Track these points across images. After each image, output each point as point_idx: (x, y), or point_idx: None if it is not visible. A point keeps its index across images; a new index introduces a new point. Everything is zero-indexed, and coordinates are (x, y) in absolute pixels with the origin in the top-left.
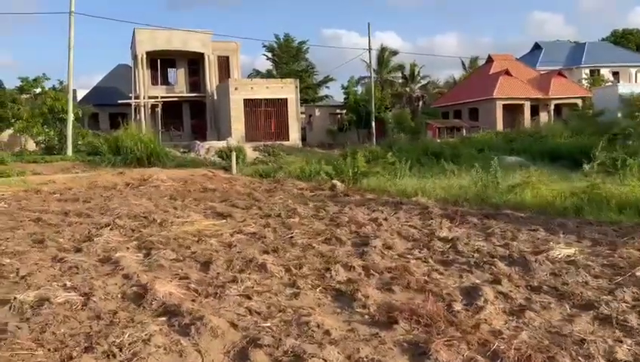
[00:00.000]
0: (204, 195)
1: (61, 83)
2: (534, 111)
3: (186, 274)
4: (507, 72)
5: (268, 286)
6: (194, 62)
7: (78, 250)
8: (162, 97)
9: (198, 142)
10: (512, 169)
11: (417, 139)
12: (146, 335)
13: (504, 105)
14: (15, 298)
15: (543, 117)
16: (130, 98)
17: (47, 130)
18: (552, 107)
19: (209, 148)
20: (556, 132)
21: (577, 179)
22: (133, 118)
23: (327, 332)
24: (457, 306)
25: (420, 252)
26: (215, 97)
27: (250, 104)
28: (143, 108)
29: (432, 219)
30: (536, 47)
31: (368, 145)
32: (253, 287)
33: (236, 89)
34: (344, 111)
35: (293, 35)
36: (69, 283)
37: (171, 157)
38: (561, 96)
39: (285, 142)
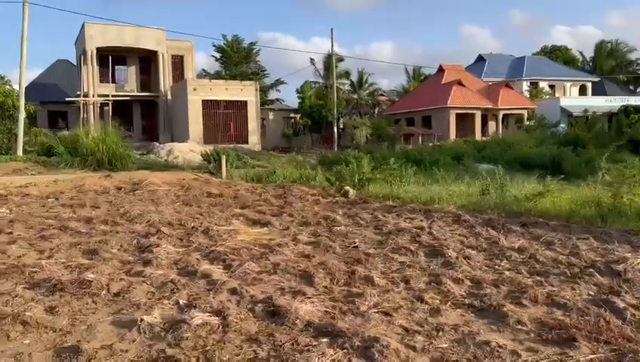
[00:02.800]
0: (217, 201)
1: (2, 78)
2: (484, 121)
3: (296, 288)
4: (460, 83)
5: (393, 301)
6: (145, 60)
7: (147, 263)
8: (113, 95)
9: (158, 144)
10: (490, 176)
11: (393, 147)
12: (331, 360)
13: (457, 114)
14: (142, 319)
15: (492, 126)
16: (72, 96)
17: None
18: (501, 116)
19: (170, 149)
20: (521, 141)
21: (581, 188)
22: (81, 118)
23: (515, 353)
24: (613, 319)
25: (502, 263)
26: (169, 97)
27: (208, 105)
28: (92, 107)
29: (473, 227)
30: (480, 58)
31: (327, 150)
32: (381, 303)
33: (194, 89)
34: (298, 115)
35: (242, 36)
36: (182, 301)
37: (133, 160)
38: (509, 107)
39: (244, 146)
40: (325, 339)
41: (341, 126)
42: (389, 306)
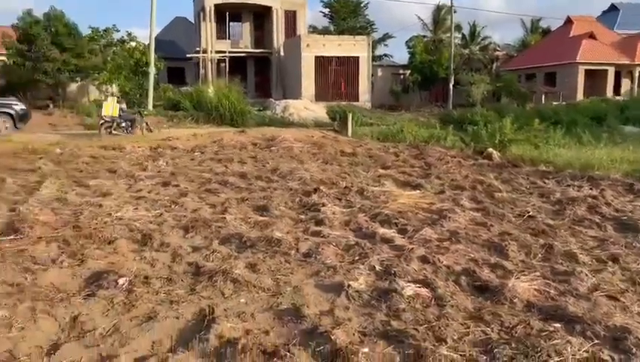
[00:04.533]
0: (354, 160)
1: (129, 34)
2: (617, 78)
3: (491, 261)
4: (591, 35)
5: (611, 282)
6: (259, 16)
7: (319, 222)
8: (229, 52)
9: (273, 100)
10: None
11: (523, 105)
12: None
13: (586, 71)
14: (349, 285)
15: (625, 84)
16: (190, 52)
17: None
18: (637, 73)
19: (285, 106)
20: None
21: None
22: (199, 74)
23: None
24: None
25: None
26: (282, 54)
27: (321, 62)
28: (209, 64)
29: None
30: (612, 8)
31: (438, 108)
32: (600, 285)
33: (308, 45)
34: (408, 71)
35: None
36: (377, 267)
37: (253, 116)
38: None
39: (355, 103)
40: (558, 324)
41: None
42: (613, 289)
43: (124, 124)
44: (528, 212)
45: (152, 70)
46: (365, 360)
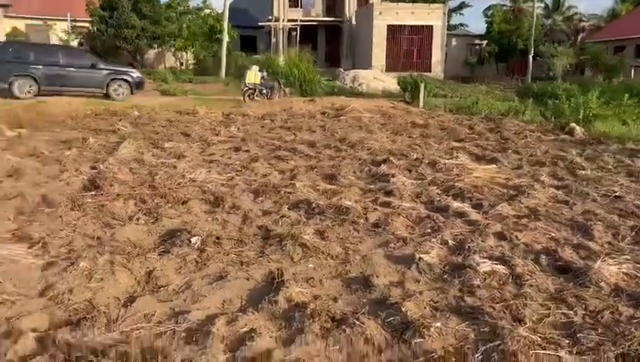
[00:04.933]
0: (426, 132)
1: (204, 2)
2: None
3: (573, 241)
4: None
5: None
6: None
7: (388, 193)
8: (301, 20)
9: (342, 70)
10: None
11: (610, 79)
12: None
13: None
14: (420, 258)
15: None
16: (262, 21)
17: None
18: None
19: (355, 76)
20: None
21: None
22: (270, 42)
23: None
24: None
25: None
26: (353, 22)
27: (393, 31)
28: (281, 32)
29: None
30: None
31: (516, 81)
32: None
33: (380, 13)
34: (484, 42)
35: None
36: (450, 242)
37: (322, 85)
38: None
39: (428, 74)
40: None
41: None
42: None
43: (264, 91)
44: (615, 192)
45: (226, 38)
46: (437, 334)
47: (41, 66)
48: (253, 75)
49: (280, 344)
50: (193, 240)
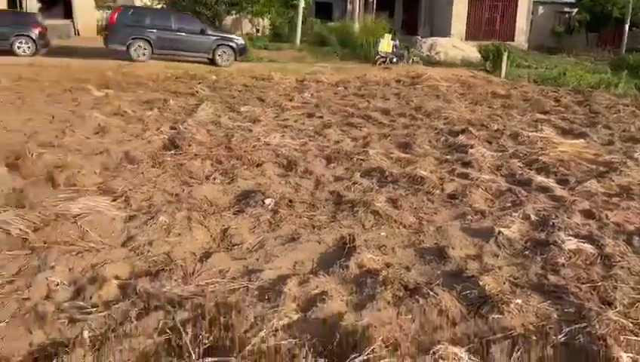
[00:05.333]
0: (508, 103)
1: None
2: None
3: None
4: None
5: None
6: None
7: (466, 164)
8: None
9: (420, 38)
10: None
11: None
12: None
13: None
14: (500, 232)
15: None
16: None
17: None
18: None
19: (432, 44)
20: None
21: None
22: (344, 9)
23: None
24: None
25: None
26: None
27: None
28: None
29: None
30: None
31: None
32: None
33: None
34: (574, 10)
35: None
36: (533, 217)
37: None
38: None
39: (510, 43)
40: None
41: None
42: None
43: (395, 59)
44: None
45: (302, 4)
46: (517, 311)
47: (155, 30)
48: (387, 44)
49: (351, 308)
50: (267, 201)
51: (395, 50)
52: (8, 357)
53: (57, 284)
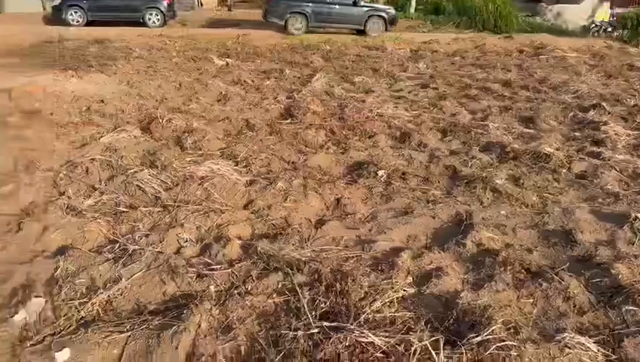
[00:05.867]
0: None
1: None
2: None
3: None
4: None
5: None
6: None
7: (598, 142)
8: None
9: (544, 5)
10: None
11: None
12: None
13: None
14: (636, 218)
15: None
16: None
17: None
18: None
19: (559, 12)
20: None
21: None
22: None
23: None
24: None
25: None
26: None
27: None
28: None
29: None
30: None
31: None
32: None
33: None
34: None
35: None
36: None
37: (520, 22)
38: None
39: None
40: None
41: None
42: None
43: (610, 29)
44: None
45: None
46: None
47: (311, 4)
48: (603, 13)
49: (467, 287)
50: (380, 173)
51: (611, 19)
52: (145, 303)
53: (186, 241)
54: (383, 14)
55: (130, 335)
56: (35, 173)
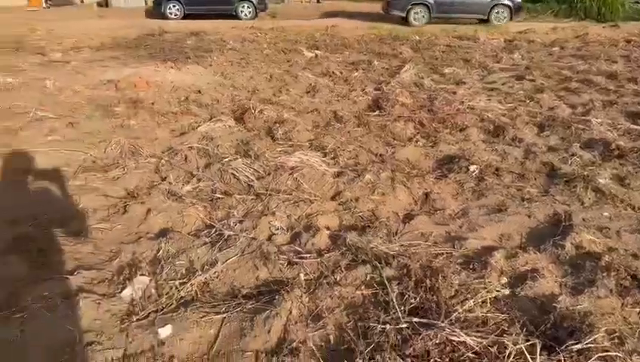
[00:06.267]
0: None
1: None
2: None
3: None
4: None
5: None
6: None
7: None
8: None
9: None
10: None
11: None
12: None
13: None
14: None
15: None
16: None
17: None
18: None
19: None
20: None
21: None
22: None
23: None
24: None
25: None
26: None
27: None
28: None
29: None
30: None
31: None
32: None
33: None
34: None
35: None
36: None
37: (627, 9)
38: None
39: None
40: None
41: None
42: None
43: None
44: None
45: None
46: None
47: None
48: None
49: (566, 291)
50: (471, 168)
51: None
52: (239, 287)
53: (277, 229)
54: (509, 2)
55: (225, 317)
56: (139, 159)
